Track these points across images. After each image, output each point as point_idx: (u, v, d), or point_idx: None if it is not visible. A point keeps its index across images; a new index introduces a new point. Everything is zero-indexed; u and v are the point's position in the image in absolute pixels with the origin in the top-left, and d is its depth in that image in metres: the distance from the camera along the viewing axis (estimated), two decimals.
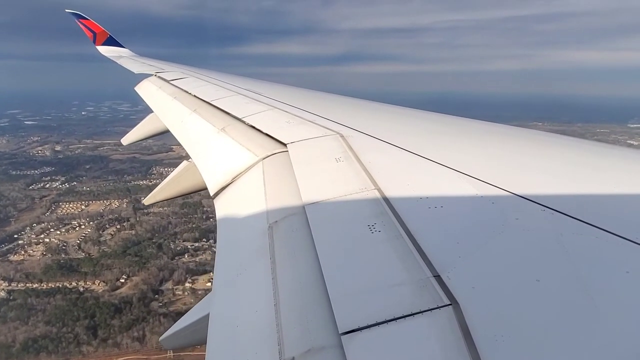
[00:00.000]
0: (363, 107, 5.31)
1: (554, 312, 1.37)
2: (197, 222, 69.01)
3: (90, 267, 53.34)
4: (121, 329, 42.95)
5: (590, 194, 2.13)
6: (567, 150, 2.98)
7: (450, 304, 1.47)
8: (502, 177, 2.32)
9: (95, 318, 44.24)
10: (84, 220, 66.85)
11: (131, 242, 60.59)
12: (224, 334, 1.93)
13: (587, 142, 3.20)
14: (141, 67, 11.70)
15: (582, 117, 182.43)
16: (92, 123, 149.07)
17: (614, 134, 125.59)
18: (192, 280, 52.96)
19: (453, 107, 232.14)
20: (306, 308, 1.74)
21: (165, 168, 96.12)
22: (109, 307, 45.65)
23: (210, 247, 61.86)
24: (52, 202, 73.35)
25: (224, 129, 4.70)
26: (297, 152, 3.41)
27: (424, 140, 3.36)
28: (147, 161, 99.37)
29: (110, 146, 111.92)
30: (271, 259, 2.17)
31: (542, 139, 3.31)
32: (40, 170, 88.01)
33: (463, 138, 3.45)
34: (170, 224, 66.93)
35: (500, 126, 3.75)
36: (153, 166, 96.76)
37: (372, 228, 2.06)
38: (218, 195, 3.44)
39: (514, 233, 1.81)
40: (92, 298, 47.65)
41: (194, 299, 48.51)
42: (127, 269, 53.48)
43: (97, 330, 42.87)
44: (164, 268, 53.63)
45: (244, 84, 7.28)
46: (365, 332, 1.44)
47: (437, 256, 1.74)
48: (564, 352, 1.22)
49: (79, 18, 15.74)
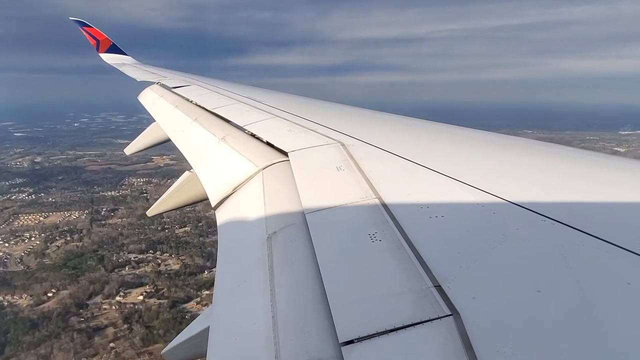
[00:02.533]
0: (364, 116, 5.27)
1: (555, 323, 1.36)
2: (150, 233, 67.76)
3: (22, 281, 52.20)
4: (30, 345, 41.46)
5: (592, 203, 2.12)
6: (568, 160, 2.97)
7: (451, 314, 1.46)
8: (503, 187, 2.31)
9: (8, 334, 42.91)
10: (37, 233, 66.21)
11: (74, 254, 59.30)
12: (223, 347, 1.92)
13: (588, 152, 3.16)
14: (144, 74, 11.65)
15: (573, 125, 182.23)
16: (81, 134, 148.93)
17: (603, 141, 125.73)
18: (125, 294, 51.34)
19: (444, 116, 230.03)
20: (303, 320, 1.74)
21: (137, 179, 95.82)
22: (26, 322, 44.15)
23: (155, 259, 60.50)
24: (11, 213, 72.99)
25: (225, 138, 4.69)
26: (298, 160, 3.40)
27: (424, 150, 3.34)
28: (121, 172, 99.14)
29: (91, 157, 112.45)
30: (269, 270, 2.17)
31: (543, 149, 3.27)
32: (12, 181, 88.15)
33: (464, 147, 3.42)
34: (121, 235, 65.81)
35: (501, 136, 3.72)
36: (126, 177, 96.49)
37: (372, 237, 2.06)
38: (219, 207, 3.41)
39: (515, 243, 1.81)
40: (12, 313, 46.42)
41: (119, 314, 46.88)
42: (58, 282, 52.13)
43: (5, 347, 41.49)
44: (96, 281, 52.20)
45: (246, 92, 7.24)
46: (365, 343, 1.44)
47: (438, 266, 1.73)
48: None
49: (83, 26, 15.80)
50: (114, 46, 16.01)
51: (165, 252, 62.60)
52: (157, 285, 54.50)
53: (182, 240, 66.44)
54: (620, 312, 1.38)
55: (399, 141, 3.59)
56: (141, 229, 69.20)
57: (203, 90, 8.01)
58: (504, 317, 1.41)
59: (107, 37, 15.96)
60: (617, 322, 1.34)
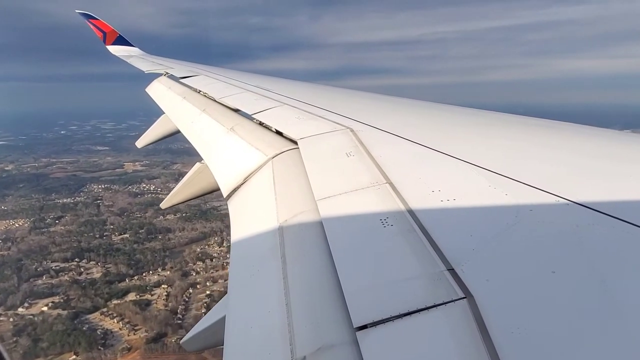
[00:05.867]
0: (373, 100, 5.26)
1: (570, 304, 1.35)
2: (86, 240, 66.80)
3: None
4: None
5: (606, 183, 2.07)
6: (581, 139, 2.89)
7: (465, 297, 1.46)
8: (515, 168, 2.28)
9: None
10: None
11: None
12: (239, 336, 1.94)
13: (602, 131, 3.09)
14: (151, 66, 11.47)
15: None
16: (62, 142, 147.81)
17: None
18: (30, 305, 50.25)
19: None
20: (316, 306, 1.75)
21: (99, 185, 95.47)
22: None
23: (77, 268, 59.34)
24: None
25: (233, 128, 4.71)
26: (307, 148, 3.39)
27: (434, 133, 3.31)
28: (84, 179, 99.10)
29: (63, 164, 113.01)
30: (282, 258, 2.17)
31: (554, 128, 3.21)
32: None
33: (474, 129, 3.38)
34: (53, 244, 65.03)
35: (511, 116, 3.66)
36: (87, 184, 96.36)
37: (384, 222, 2.05)
38: (231, 197, 3.42)
39: (528, 225, 1.79)
40: None
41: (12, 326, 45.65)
42: None
43: None
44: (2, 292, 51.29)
45: (254, 81, 7.17)
46: (379, 327, 1.45)
47: (450, 249, 1.73)
48: (580, 345, 1.21)
49: (89, 18, 15.65)
50: (120, 38, 15.70)
51: (92, 260, 61.45)
52: (68, 295, 53.24)
53: (115, 247, 65.22)
54: (637, 293, 1.36)
55: (408, 125, 3.57)
56: (80, 236, 68.38)
57: (211, 80, 7.96)
58: (519, 299, 1.41)
59: (113, 29, 15.70)
60: (633, 302, 1.32)
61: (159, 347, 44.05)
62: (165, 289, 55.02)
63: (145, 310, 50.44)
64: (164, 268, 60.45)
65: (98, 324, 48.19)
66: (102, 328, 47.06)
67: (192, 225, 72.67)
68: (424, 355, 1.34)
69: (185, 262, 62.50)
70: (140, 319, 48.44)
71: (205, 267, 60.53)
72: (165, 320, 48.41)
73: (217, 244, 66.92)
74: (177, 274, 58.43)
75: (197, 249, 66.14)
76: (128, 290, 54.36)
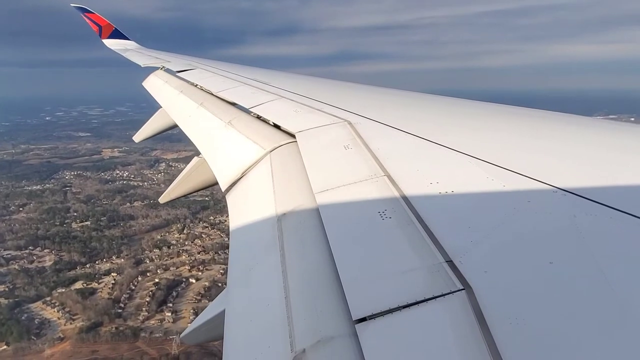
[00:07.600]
0: (371, 92, 5.26)
1: (567, 294, 1.36)
2: (44, 228, 65.80)
3: None
4: None
5: (603, 173, 2.07)
6: (577, 129, 2.90)
7: (464, 289, 1.47)
8: (512, 160, 2.28)
9: None
10: None
11: None
12: (239, 329, 1.96)
13: (598, 121, 3.12)
14: (147, 59, 11.40)
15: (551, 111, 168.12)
16: (44, 128, 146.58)
17: None
18: None
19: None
20: (316, 299, 1.76)
21: (71, 172, 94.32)
22: None
23: (30, 256, 58.44)
24: None
25: (231, 122, 4.71)
26: (305, 141, 3.39)
27: (431, 125, 3.31)
28: (57, 166, 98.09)
29: (40, 151, 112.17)
30: (281, 251, 2.18)
31: (551, 119, 3.23)
32: None
33: (471, 120, 3.36)
34: (10, 232, 64.16)
35: (506, 107, 3.67)
36: (60, 170, 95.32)
37: (382, 214, 2.05)
38: (229, 191, 3.43)
39: (526, 216, 1.79)
40: None
41: None
42: None
43: None
44: None
45: (251, 74, 7.16)
46: (378, 319, 1.46)
47: (448, 241, 1.74)
48: (578, 335, 1.22)
49: (84, 12, 15.37)
50: (116, 31, 15.51)
51: (46, 248, 60.53)
52: (15, 283, 52.39)
53: (72, 235, 64.22)
54: (635, 282, 1.37)
55: (406, 117, 3.56)
56: (40, 223, 67.47)
57: (207, 74, 7.96)
58: (517, 290, 1.42)
59: (109, 22, 15.49)
60: (631, 292, 1.33)
61: (91, 336, 43.18)
62: (114, 277, 54.05)
63: (87, 299, 49.55)
64: (118, 256, 59.51)
65: (38, 313, 47.53)
66: (40, 317, 46.43)
67: (157, 213, 71.44)
68: (423, 347, 1.35)
69: (142, 250, 61.48)
70: (80, 307, 47.59)
71: (160, 255, 59.56)
72: (105, 310, 47.57)
73: (177, 231, 65.79)
74: (130, 262, 57.42)
75: (158, 236, 65.06)
76: (76, 279, 53.54)
